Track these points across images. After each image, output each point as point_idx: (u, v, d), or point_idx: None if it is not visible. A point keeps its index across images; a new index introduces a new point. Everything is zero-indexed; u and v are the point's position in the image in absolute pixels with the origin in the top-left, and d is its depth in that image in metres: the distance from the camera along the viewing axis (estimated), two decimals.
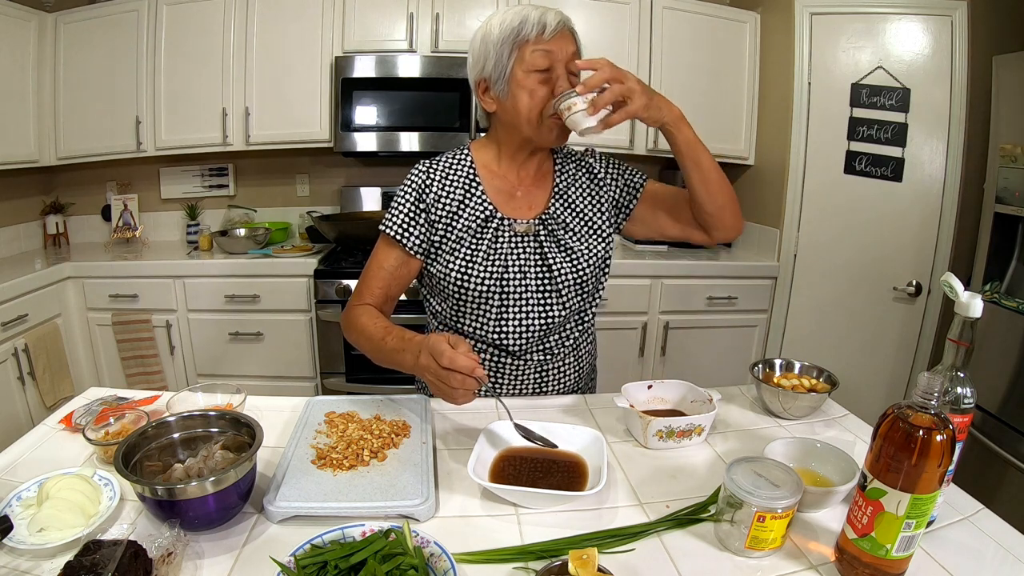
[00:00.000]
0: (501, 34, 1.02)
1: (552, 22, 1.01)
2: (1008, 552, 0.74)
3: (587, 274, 1.13)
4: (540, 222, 1.12)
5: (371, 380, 2.45)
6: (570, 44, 1.03)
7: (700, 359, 2.63)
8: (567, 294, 1.12)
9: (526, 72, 1.02)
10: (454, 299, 1.12)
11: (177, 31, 2.53)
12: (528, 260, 1.11)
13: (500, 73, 1.04)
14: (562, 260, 1.12)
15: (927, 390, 0.63)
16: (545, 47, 1.01)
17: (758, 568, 0.71)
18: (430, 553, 0.68)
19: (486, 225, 1.11)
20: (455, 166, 1.14)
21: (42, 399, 2.24)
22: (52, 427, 1.00)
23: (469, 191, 1.12)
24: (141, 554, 0.63)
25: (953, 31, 2.31)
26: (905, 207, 2.44)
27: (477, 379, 0.86)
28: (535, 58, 1.01)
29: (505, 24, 1.02)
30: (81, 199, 2.94)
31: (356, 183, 3.01)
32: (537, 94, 1.03)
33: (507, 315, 1.11)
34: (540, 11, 1.01)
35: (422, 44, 2.57)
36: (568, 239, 1.13)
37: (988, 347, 1.99)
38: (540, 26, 1.00)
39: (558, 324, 1.14)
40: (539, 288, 1.11)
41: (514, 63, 1.03)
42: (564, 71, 1.02)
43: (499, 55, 1.03)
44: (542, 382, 1.18)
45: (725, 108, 2.77)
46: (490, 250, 1.10)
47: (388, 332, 1.03)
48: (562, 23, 1.02)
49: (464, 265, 1.09)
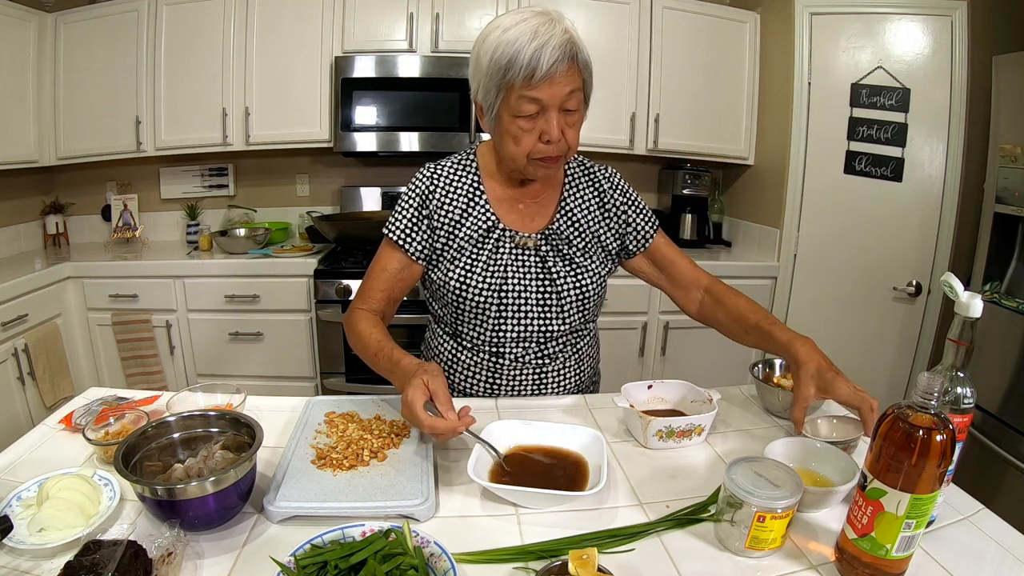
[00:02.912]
0: (489, 69, 0.94)
1: (546, 63, 0.89)
2: (1008, 552, 0.74)
3: (590, 290, 1.12)
4: (543, 237, 1.11)
5: (371, 380, 2.44)
6: (568, 83, 0.93)
7: (700, 359, 2.63)
8: (569, 309, 1.11)
9: (512, 118, 0.96)
10: (453, 306, 1.12)
11: (177, 31, 2.53)
12: (529, 272, 1.10)
13: (489, 107, 0.98)
14: (566, 274, 1.11)
15: (927, 390, 0.63)
16: (533, 94, 0.92)
17: (758, 568, 0.71)
18: (430, 553, 0.68)
19: (488, 235, 1.09)
20: (460, 172, 1.11)
21: (42, 399, 2.24)
22: (52, 427, 0.99)
23: (473, 200, 1.10)
24: (141, 554, 0.63)
25: (953, 31, 2.31)
26: (905, 207, 2.44)
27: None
28: (521, 105, 0.93)
29: (494, 59, 0.92)
30: (81, 199, 2.94)
31: (356, 183, 3.01)
32: (522, 141, 0.97)
33: (505, 325, 1.11)
34: (535, 47, 0.89)
35: (422, 44, 2.57)
36: (573, 254, 1.12)
37: (988, 347, 1.99)
38: (529, 70, 0.90)
39: (557, 336, 1.14)
40: (539, 301, 1.10)
41: (500, 104, 0.96)
42: (557, 113, 0.95)
43: (487, 90, 0.96)
44: (541, 384, 1.17)
45: (725, 108, 2.77)
46: (490, 260, 1.09)
47: (380, 348, 1.01)
48: (559, 59, 0.90)
49: (463, 274, 1.09)
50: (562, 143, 0.98)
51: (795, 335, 0.99)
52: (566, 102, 0.95)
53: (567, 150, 1.00)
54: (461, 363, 1.16)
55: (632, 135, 2.70)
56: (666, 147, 2.73)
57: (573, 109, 0.97)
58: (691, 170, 2.92)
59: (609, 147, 2.70)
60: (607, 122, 2.66)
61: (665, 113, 2.69)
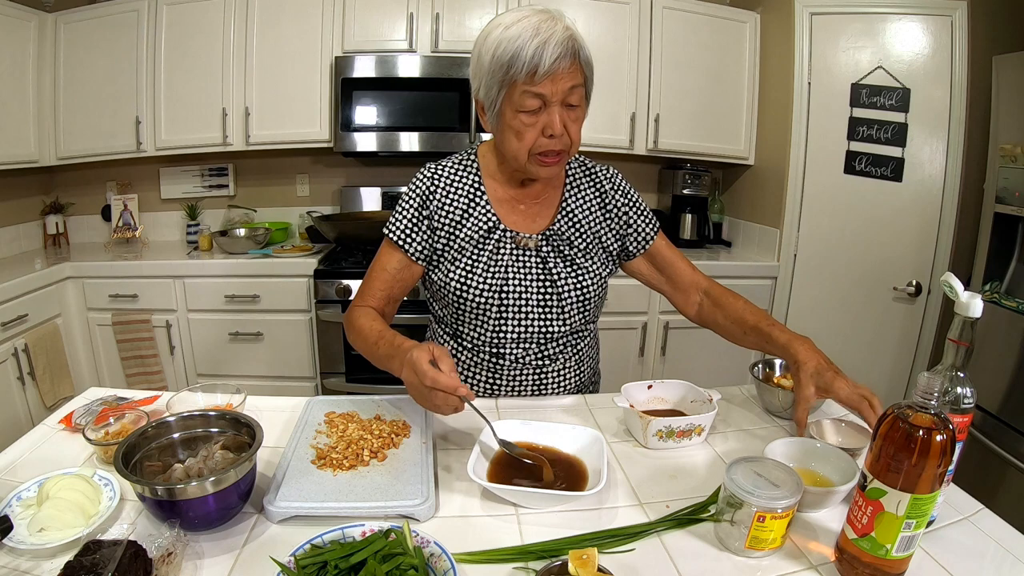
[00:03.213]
0: (491, 65, 0.94)
1: (549, 60, 0.90)
2: (1008, 552, 0.74)
3: (591, 291, 1.12)
4: (544, 238, 1.11)
5: (371, 380, 2.45)
6: (570, 78, 0.94)
7: (700, 359, 2.63)
8: (569, 310, 1.11)
9: (514, 112, 0.96)
10: (454, 307, 1.12)
11: (177, 31, 2.53)
12: (529, 273, 1.10)
13: (491, 104, 0.99)
14: (567, 275, 1.11)
15: (927, 390, 0.63)
16: (536, 90, 0.93)
17: (758, 568, 0.71)
18: (430, 553, 0.68)
19: (488, 236, 1.09)
20: (460, 173, 1.11)
21: (42, 399, 2.24)
22: (52, 427, 0.99)
23: (473, 200, 1.10)
24: (141, 554, 0.63)
25: (953, 31, 2.31)
26: (905, 207, 2.44)
27: (461, 397, 0.85)
28: (524, 100, 0.94)
29: (497, 55, 0.93)
30: (81, 199, 2.94)
31: (356, 183, 3.01)
32: (525, 136, 0.97)
33: (505, 326, 1.11)
34: (538, 43, 0.90)
35: (422, 44, 2.57)
36: (574, 255, 1.12)
37: (988, 347, 1.99)
38: (532, 66, 0.91)
39: (558, 337, 1.14)
40: (540, 302, 1.10)
41: (503, 101, 0.97)
42: (559, 108, 0.95)
43: (488, 87, 0.97)
44: (541, 385, 1.17)
45: (725, 108, 2.77)
46: (491, 261, 1.09)
47: (381, 336, 1.00)
48: (561, 56, 0.91)
49: (464, 275, 1.09)
50: (564, 138, 0.98)
51: (794, 335, 0.99)
52: (568, 97, 0.96)
53: (569, 145, 1.01)
54: (461, 363, 1.17)
55: (632, 135, 2.70)
56: (666, 147, 2.73)
57: (575, 104, 0.98)
58: (691, 170, 2.92)
59: (609, 147, 2.70)
60: (607, 122, 2.66)
61: (665, 113, 2.69)
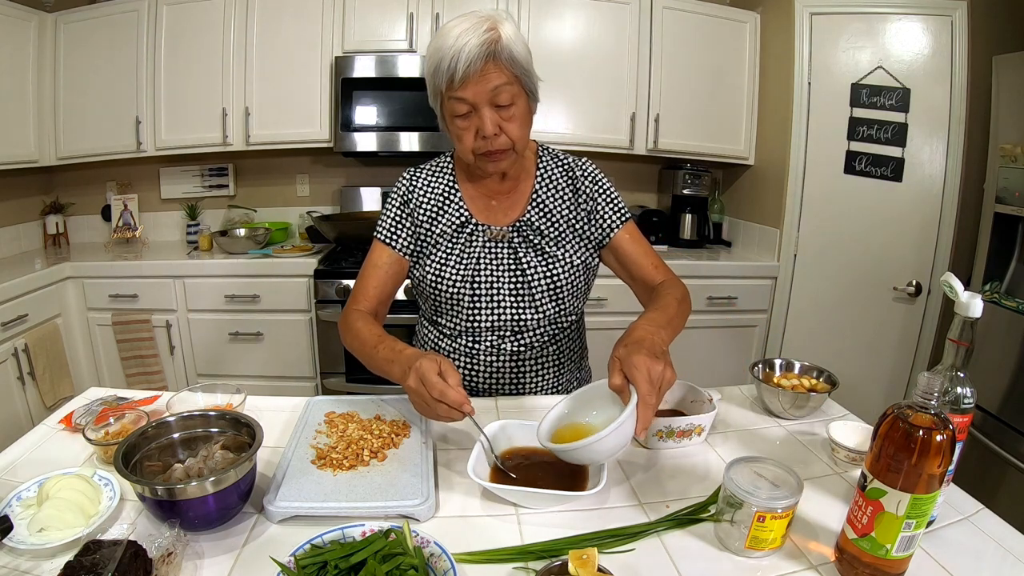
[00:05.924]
0: (427, 75, 1.00)
1: (462, 67, 0.93)
2: (1008, 552, 0.74)
3: (562, 280, 1.12)
4: (514, 229, 1.13)
5: (371, 380, 2.44)
6: (492, 79, 0.95)
7: (700, 359, 2.62)
8: (540, 299, 1.13)
9: (451, 117, 1.01)
10: (432, 298, 1.16)
11: (177, 31, 2.53)
12: (501, 264, 1.13)
13: (438, 111, 1.05)
14: (537, 264, 1.12)
15: (927, 390, 0.63)
16: (459, 95, 0.97)
17: (758, 568, 0.71)
18: (430, 553, 0.68)
19: (462, 230, 1.14)
20: (437, 174, 1.18)
21: (42, 399, 2.24)
22: (52, 427, 1.00)
23: (449, 199, 1.15)
24: (141, 554, 0.63)
25: (953, 31, 2.31)
26: (905, 207, 2.44)
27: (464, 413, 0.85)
28: (453, 105, 0.99)
29: (429, 65, 0.99)
30: (81, 199, 2.94)
31: (356, 183, 3.01)
32: (464, 139, 1.02)
33: (479, 317, 1.14)
34: (454, 52, 0.93)
35: (422, 44, 2.57)
36: (545, 245, 1.13)
37: (988, 347, 1.99)
38: (450, 74, 0.94)
39: (532, 327, 1.15)
40: (511, 290, 1.13)
41: (441, 107, 1.03)
42: (488, 109, 0.98)
43: (432, 96, 1.03)
44: (518, 383, 1.19)
45: (725, 108, 2.77)
46: (463, 253, 1.13)
47: (381, 341, 1.01)
48: (475, 60, 0.93)
49: (438, 267, 1.13)
50: (502, 138, 1.01)
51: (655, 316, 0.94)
52: (495, 98, 0.98)
53: (512, 143, 1.02)
54: (442, 351, 1.20)
55: (632, 135, 2.70)
56: (666, 147, 2.73)
57: (505, 104, 0.99)
58: (691, 170, 2.92)
59: (609, 147, 2.70)
60: (607, 122, 2.66)
61: (665, 113, 2.69)
